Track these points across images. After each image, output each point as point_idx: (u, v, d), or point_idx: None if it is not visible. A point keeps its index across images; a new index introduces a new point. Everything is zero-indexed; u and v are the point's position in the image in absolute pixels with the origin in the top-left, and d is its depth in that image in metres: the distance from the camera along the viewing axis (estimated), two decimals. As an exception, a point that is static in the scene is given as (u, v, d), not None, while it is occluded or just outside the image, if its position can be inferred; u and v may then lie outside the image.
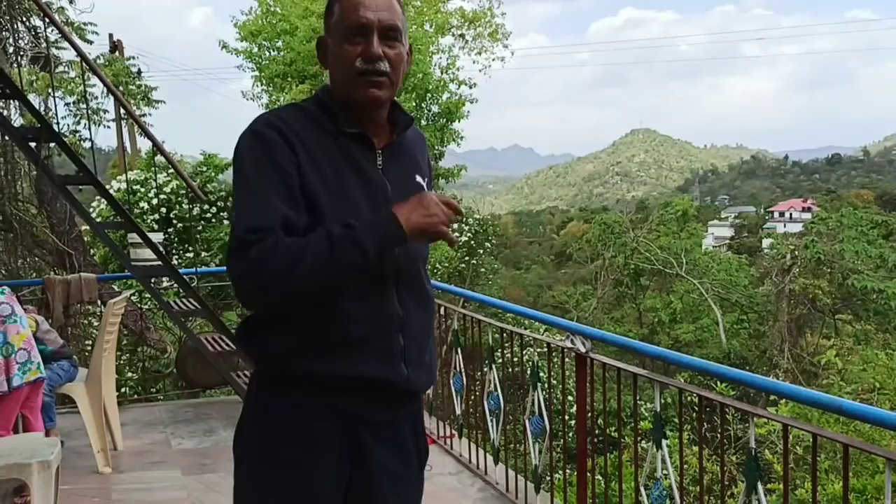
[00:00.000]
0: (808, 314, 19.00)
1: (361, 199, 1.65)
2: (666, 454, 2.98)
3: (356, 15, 1.64)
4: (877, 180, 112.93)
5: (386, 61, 1.66)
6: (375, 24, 1.65)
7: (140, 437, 5.22)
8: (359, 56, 1.64)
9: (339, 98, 1.70)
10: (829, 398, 2.28)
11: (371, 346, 1.64)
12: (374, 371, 1.65)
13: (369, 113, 1.70)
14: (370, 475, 1.69)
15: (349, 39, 1.65)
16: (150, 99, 12.96)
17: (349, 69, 1.65)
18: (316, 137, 1.65)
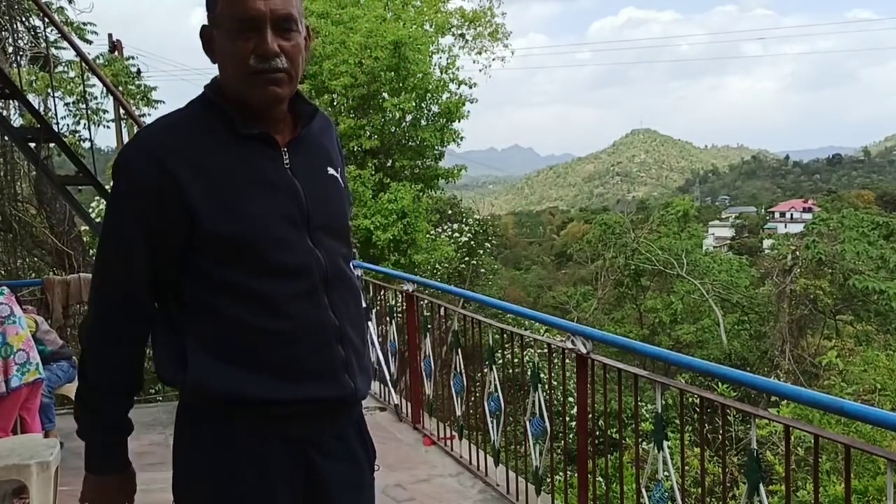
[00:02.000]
0: (810, 315, 19.00)
1: (267, 209, 1.50)
2: (667, 455, 2.96)
3: (244, 6, 1.45)
4: (877, 181, 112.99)
5: (283, 56, 1.48)
6: (267, 16, 1.46)
7: (139, 437, 5.18)
8: (251, 53, 1.46)
9: (232, 96, 1.52)
10: (830, 399, 2.27)
11: (313, 365, 1.53)
12: (321, 391, 1.53)
13: (268, 111, 1.53)
14: (326, 495, 1.60)
15: (239, 34, 1.46)
16: (150, 99, 12.95)
17: (242, 67, 1.47)
18: (206, 148, 1.49)
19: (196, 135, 1.50)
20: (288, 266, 1.51)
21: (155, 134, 1.51)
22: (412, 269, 13.89)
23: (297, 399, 1.51)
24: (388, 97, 15.04)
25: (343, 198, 1.69)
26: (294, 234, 1.52)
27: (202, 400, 1.51)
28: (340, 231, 1.65)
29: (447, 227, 17.94)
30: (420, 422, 5.20)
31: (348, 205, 1.73)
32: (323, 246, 1.56)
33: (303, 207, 1.54)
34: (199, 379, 1.48)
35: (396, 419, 5.46)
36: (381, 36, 14.26)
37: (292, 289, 1.51)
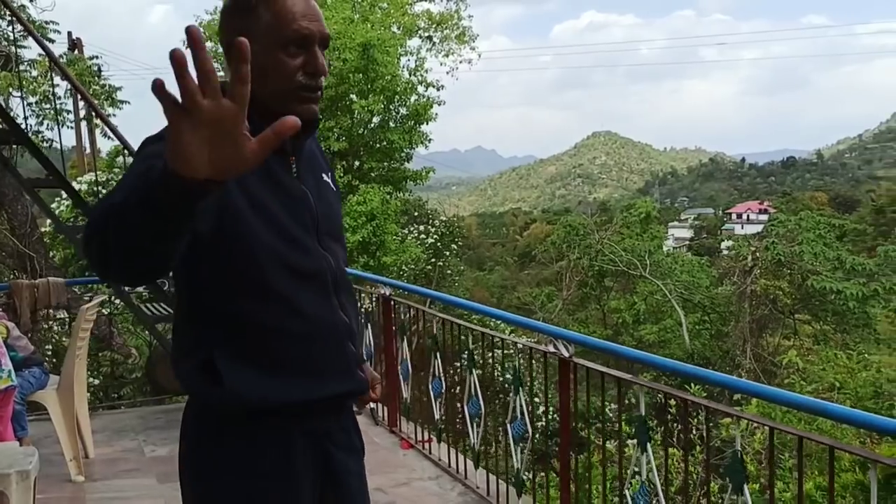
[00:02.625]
0: (769, 315, 19.35)
1: (288, 214, 1.54)
2: (651, 456, 3.02)
3: (298, 25, 1.49)
4: (830, 183, 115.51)
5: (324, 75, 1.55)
6: (317, 36, 1.52)
7: (111, 444, 5.13)
8: (300, 70, 1.50)
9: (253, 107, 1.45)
10: (814, 402, 2.33)
11: (332, 363, 1.60)
12: (341, 387, 1.62)
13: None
14: (340, 484, 1.67)
15: (286, 50, 1.49)
16: (115, 99, 12.73)
17: (289, 82, 1.50)
18: None
19: None
20: (307, 269, 1.56)
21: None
22: (381, 270, 13.87)
23: (323, 396, 1.58)
24: (356, 99, 15.00)
25: (338, 203, 1.76)
26: (308, 238, 1.57)
27: (231, 406, 1.52)
28: (340, 236, 1.73)
29: (413, 229, 17.93)
30: (397, 425, 5.21)
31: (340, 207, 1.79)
32: (330, 250, 1.62)
33: (313, 214, 1.59)
34: (234, 387, 1.48)
35: (373, 423, 5.45)
36: (350, 38, 14.22)
37: (310, 291, 1.57)
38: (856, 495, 6.58)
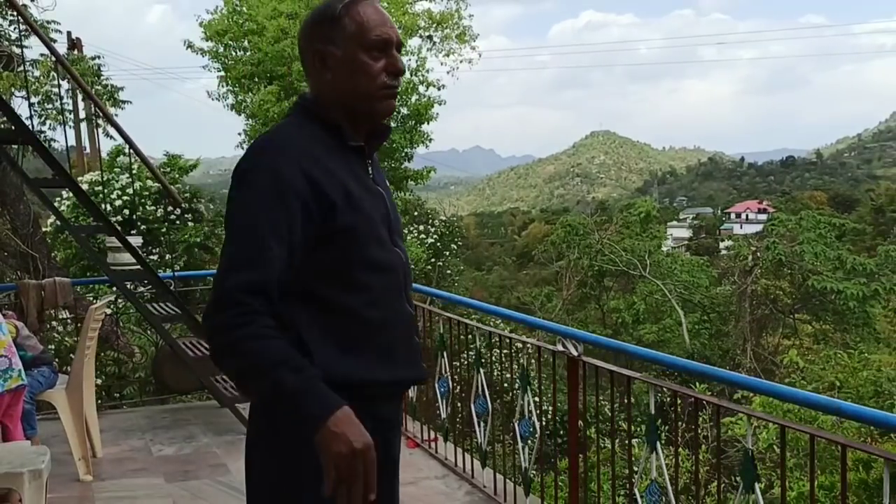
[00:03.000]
0: (769, 314, 19.38)
1: (371, 211, 1.70)
2: (661, 456, 3.03)
3: (381, 31, 1.69)
4: (829, 182, 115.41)
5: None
6: (394, 41, 1.72)
7: (119, 443, 5.15)
8: (383, 70, 1.69)
9: (340, 109, 1.71)
10: (829, 400, 2.35)
11: (403, 351, 1.75)
12: (409, 374, 1.78)
13: (376, 124, 1.77)
14: (390, 470, 1.79)
15: (370, 54, 1.68)
16: (117, 99, 12.74)
17: (374, 82, 1.69)
18: (325, 154, 1.66)
19: (314, 142, 1.67)
20: (385, 263, 1.72)
21: (285, 140, 1.66)
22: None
23: (394, 381, 1.75)
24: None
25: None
26: (386, 235, 1.74)
27: None
28: (403, 236, 1.90)
29: (413, 229, 17.94)
30: (403, 424, 5.21)
31: None
32: (399, 248, 1.80)
33: (387, 213, 1.77)
34: (326, 367, 1.58)
35: (378, 422, 5.47)
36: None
37: (388, 283, 1.72)
38: (859, 494, 6.59)
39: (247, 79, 15.59)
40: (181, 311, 5.31)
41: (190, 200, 12.37)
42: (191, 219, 12.27)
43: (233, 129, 16.74)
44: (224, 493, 4.28)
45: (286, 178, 1.57)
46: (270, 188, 1.57)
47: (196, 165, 13.94)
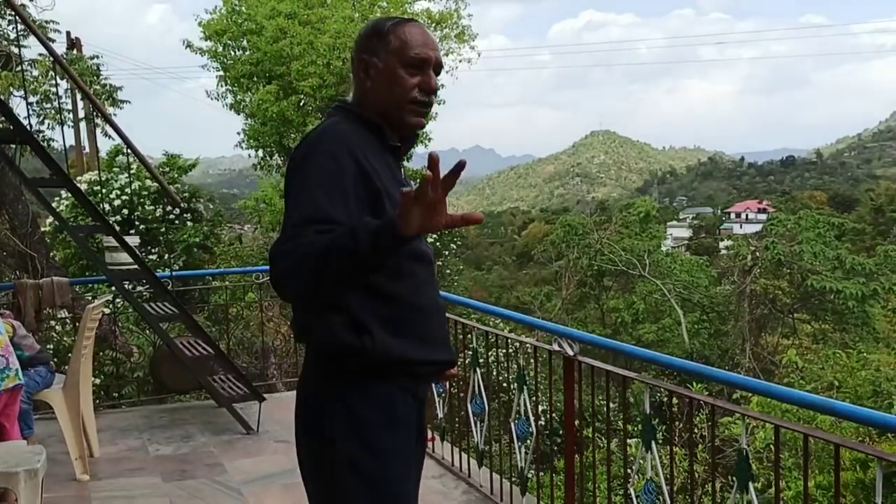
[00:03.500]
0: (769, 314, 19.38)
1: None
2: (656, 455, 3.03)
3: (420, 51, 1.86)
4: (829, 182, 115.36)
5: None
6: (433, 61, 1.89)
7: (116, 443, 5.15)
8: (416, 86, 1.86)
9: (376, 114, 1.89)
10: (822, 400, 2.36)
11: (439, 333, 1.91)
12: (444, 356, 1.92)
13: (404, 133, 1.93)
14: (421, 448, 1.99)
15: (407, 69, 1.86)
16: (116, 99, 12.73)
17: (404, 95, 1.86)
18: (371, 150, 1.82)
19: (359, 138, 1.82)
20: (424, 254, 1.89)
21: (343, 133, 1.81)
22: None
23: (435, 361, 1.89)
24: (356, 98, 15.00)
25: None
26: None
27: (377, 360, 1.77)
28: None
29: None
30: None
31: None
32: (427, 242, 1.96)
33: None
34: (383, 346, 1.76)
35: (376, 421, 5.48)
36: (350, 37, 14.21)
37: (428, 272, 1.90)
38: (856, 493, 6.59)
39: (246, 78, 15.58)
40: (179, 310, 5.31)
41: (189, 200, 12.37)
42: (190, 218, 12.28)
43: (232, 129, 16.71)
44: (221, 492, 4.29)
45: (342, 162, 1.72)
46: (330, 169, 1.71)
47: (195, 165, 13.95)
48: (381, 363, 1.77)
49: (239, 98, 16.09)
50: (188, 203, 12.31)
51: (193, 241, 11.97)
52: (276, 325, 9.52)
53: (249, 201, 16.11)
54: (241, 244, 15.46)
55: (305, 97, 15.03)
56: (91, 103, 5.96)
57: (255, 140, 15.87)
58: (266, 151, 16.25)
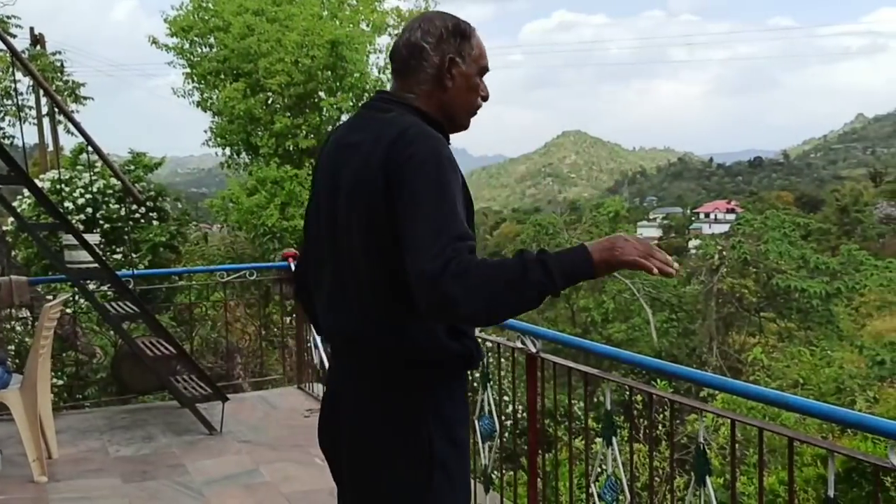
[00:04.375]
0: (735, 313, 19.62)
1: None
2: (617, 451, 3.05)
3: (487, 60, 1.94)
4: (796, 182, 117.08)
5: None
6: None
7: (76, 444, 5.06)
8: (481, 93, 1.94)
9: (440, 114, 1.89)
10: (776, 394, 2.37)
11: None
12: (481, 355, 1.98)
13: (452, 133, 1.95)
14: None
15: (480, 77, 1.92)
16: (78, 96, 12.52)
17: (475, 101, 1.93)
18: None
19: None
20: None
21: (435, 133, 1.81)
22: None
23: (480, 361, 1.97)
24: (324, 96, 14.92)
25: None
26: None
27: (467, 362, 1.86)
28: None
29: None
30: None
31: None
32: None
33: None
34: (476, 348, 1.87)
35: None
36: (318, 35, 14.14)
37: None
38: (818, 489, 6.69)
39: (212, 75, 15.42)
40: (140, 309, 5.23)
41: (155, 199, 12.21)
42: (156, 218, 12.12)
43: (200, 127, 16.54)
44: (182, 493, 4.23)
45: (458, 171, 1.74)
46: (454, 180, 1.70)
47: (161, 163, 13.76)
48: (471, 365, 1.88)
49: (206, 95, 15.92)
50: (154, 202, 12.15)
51: (159, 240, 11.82)
52: (242, 326, 9.44)
53: (216, 200, 15.94)
54: (207, 243, 15.31)
55: (273, 95, 14.92)
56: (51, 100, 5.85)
57: (222, 138, 15.72)
58: (233, 149, 16.11)
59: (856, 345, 15.89)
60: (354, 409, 1.85)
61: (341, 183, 1.82)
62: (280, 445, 4.99)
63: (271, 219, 13.67)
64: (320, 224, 1.90)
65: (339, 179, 1.83)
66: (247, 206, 13.95)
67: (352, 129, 1.91)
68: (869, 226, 49.94)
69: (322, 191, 1.91)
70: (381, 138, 1.75)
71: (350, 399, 1.87)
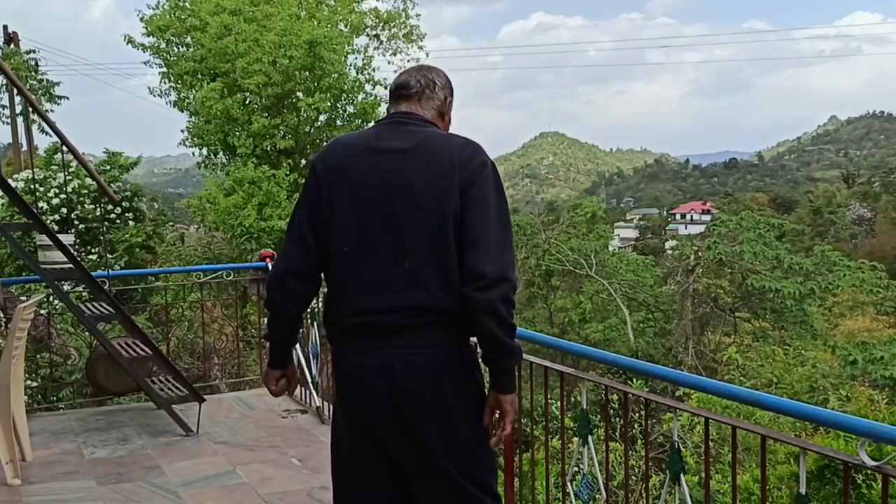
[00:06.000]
0: (711, 313, 19.77)
1: None
2: (593, 450, 3.07)
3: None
4: (770, 184, 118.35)
5: None
6: None
7: (50, 446, 5.01)
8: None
9: None
10: (749, 392, 2.41)
11: None
12: None
13: None
14: None
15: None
16: (53, 95, 12.36)
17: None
18: None
19: None
20: None
21: None
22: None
23: None
24: (302, 97, 14.88)
25: None
26: None
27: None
28: None
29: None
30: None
31: None
32: None
33: None
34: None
35: (319, 421, 5.44)
36: (296, 35, 14.09)
37: None
38: (791, 486, 6.77)
39: (189, 75, 15.33)
40: (115, 310, 5.19)
41: (131, 199, 12.09)
42: (132, 218, 12.01)
43: (177, 127, 16.43)
44: (157, 494, 4.20)
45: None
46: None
47: (137, 163, 13.62)
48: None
49: (183, 95, 15.83)
50: (130, 202, 12.03)
51: (135, 240, 11.71)
52: (219, 326, 9.39)
53: (193, 200, 15.83)
54: (184, 244, 15.20)
55: (251, 95, 14.85)
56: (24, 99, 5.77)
57: (199, 138, 15.62)
58: (210, 150, 16.02)
59: (829, 344, 16.08)
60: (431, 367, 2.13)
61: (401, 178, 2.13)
62: (257, 446, 4.97)
63: (249, 219, 13.61)
64: (364, 217, 2.15)
65: (394, 177, 2.14)
66: (224, 207, 13.88)
67: (382, 137, 2.22)
68: (842, 227, 50.64)
69: (364, 188, 2.16)
70: (431, 146, 2.18)
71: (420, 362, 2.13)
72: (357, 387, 2.19)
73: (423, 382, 2.12)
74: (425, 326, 2.11)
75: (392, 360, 2.12)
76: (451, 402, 2.15)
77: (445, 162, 2.13)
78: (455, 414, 2.16)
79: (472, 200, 2.09)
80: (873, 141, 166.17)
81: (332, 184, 2.20)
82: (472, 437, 2.21)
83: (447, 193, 2.10)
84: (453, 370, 2.15)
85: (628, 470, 3.00)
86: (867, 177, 76.47)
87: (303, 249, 2.23)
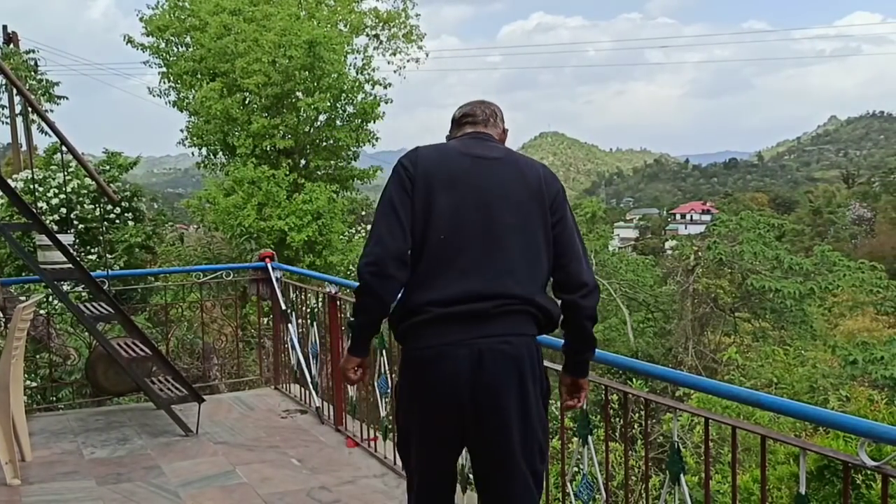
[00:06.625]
0: (711, 313, 19.76)
1: None
2: (593, 450, 3.07)
3: None
4: (770, 184, 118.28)
5: None
6: None
7: (49, 447, 5.00)
8: None
9: None
10: (749, 392, 2.40)
11: None
12: None
13: None
14: None
15: None
16: (52, 95, 12.35)
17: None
18: None
19: None
20: None
21: None
22: (327, 270, 13.77)
23: None
24: (302, 97, 14.88)
25: None
26: None
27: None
28: None
29: (361, 228, 17.88)
30: (342, 424, 5.19)
31: None
32: None
33: None
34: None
35: (318, 422, 5.43)
36: (296, 35, 14.09)
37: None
38: (791, 487, 6.77)
39: (189, 75, 15.32)
40: (115, 310, 5.18)
41: (130, 199, 12.08)
42: (131, 218, 12.00)
43: (177, 127, 16.42)
44: (157, 495, 4.20)
45: None
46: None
47: (136, 163, 13.62)
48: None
49: (182, 95, 15.82)
50: (129, 202, 12.02)
51: (135, 241, 11.70)
52: (218, 327, 9.38)
53: (193, 200, 15.82)
54: (184, 244, 15.20)
55: (250, 95, 14.84)
56: (24, 99, 5.76)
57: (198, 138, 15.61)
58: (210, 149, 16.01)
59: (829, 344, 16.06)
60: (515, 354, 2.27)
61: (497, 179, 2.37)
62: (257, 447, 4.97)
63: (248, 219, 13.60)
64: (461, 210, 2.31)
65: (492, 178, 2.36)
66: (223, 207, 13.88)
67: (470, 147, 2.43)
68: (842, 227, 50.63)
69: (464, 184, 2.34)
70: (517, 159, 2.48)
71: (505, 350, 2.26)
72: (447, 378, 2.25)
73: (507, 369, 2.25)
74: (511, 314, 2.27)
75: (480, 348, 2.23)
76: (528, 389, 2.29)
77: (534, 175, 2.42)
78: (531, 401, 2.31)
79: (560, 217, 2.40)
80: (873, 141, 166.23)
81: (428, 178, 2.32)
82: (539, 428, 2.36)
83: (539, 203, 2.37)
84: (531, 358, 2.32)
85: (628, 470, 2.99)
86: (867, 177, 76.51)
87: (401, 234, 2.29)
